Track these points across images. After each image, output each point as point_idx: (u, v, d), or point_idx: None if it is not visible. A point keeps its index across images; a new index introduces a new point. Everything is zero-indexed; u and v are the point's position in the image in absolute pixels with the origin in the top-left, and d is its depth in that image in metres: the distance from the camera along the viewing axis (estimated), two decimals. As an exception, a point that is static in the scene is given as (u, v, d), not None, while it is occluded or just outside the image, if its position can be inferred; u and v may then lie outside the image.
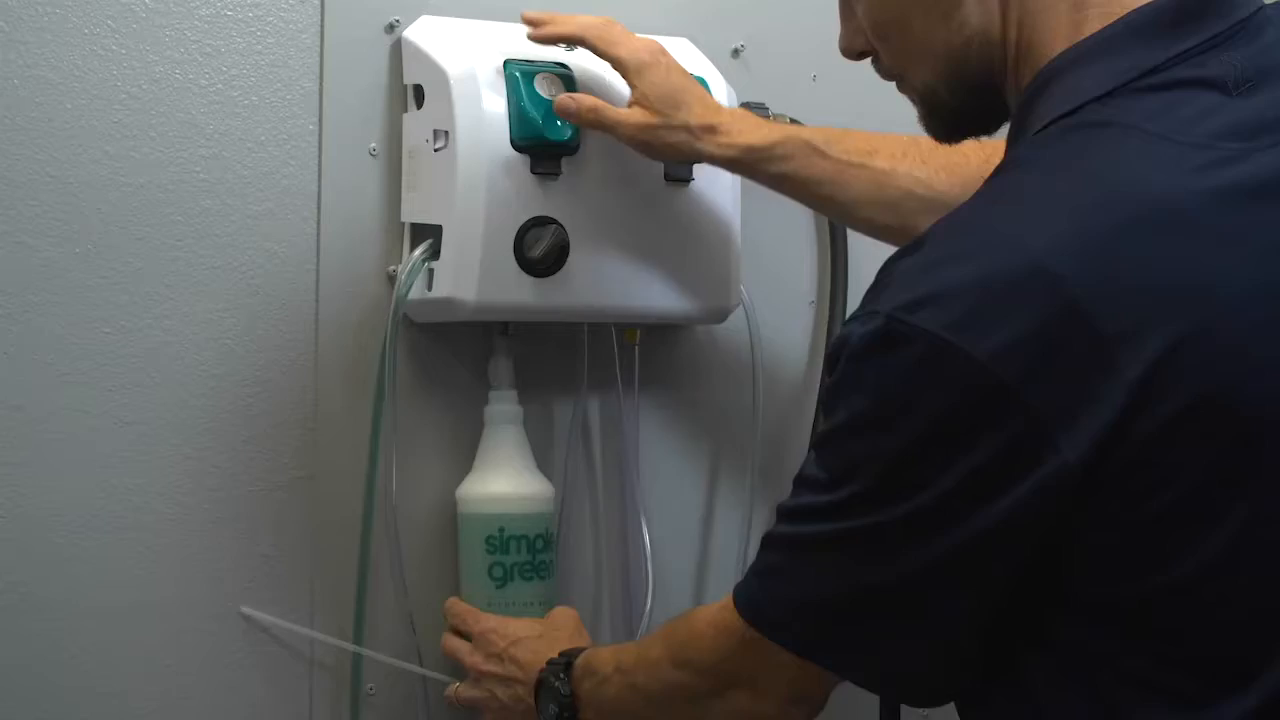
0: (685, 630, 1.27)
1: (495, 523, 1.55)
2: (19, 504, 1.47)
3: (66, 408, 1.49)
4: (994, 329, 1.00)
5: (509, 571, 1.54)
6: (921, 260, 1.06)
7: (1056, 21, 1.12)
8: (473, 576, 1.56)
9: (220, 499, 1.55)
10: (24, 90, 1.47)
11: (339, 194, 1.58)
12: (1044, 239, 1.01)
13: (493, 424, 1.58)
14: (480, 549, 1.55)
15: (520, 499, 1.56)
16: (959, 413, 1.01)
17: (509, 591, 1.55)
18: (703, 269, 1.63)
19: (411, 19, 1.59)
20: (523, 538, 1.54)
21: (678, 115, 1.49)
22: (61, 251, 1.48)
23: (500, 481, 1.56)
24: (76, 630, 1.50)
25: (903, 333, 1.02)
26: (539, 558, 1.55)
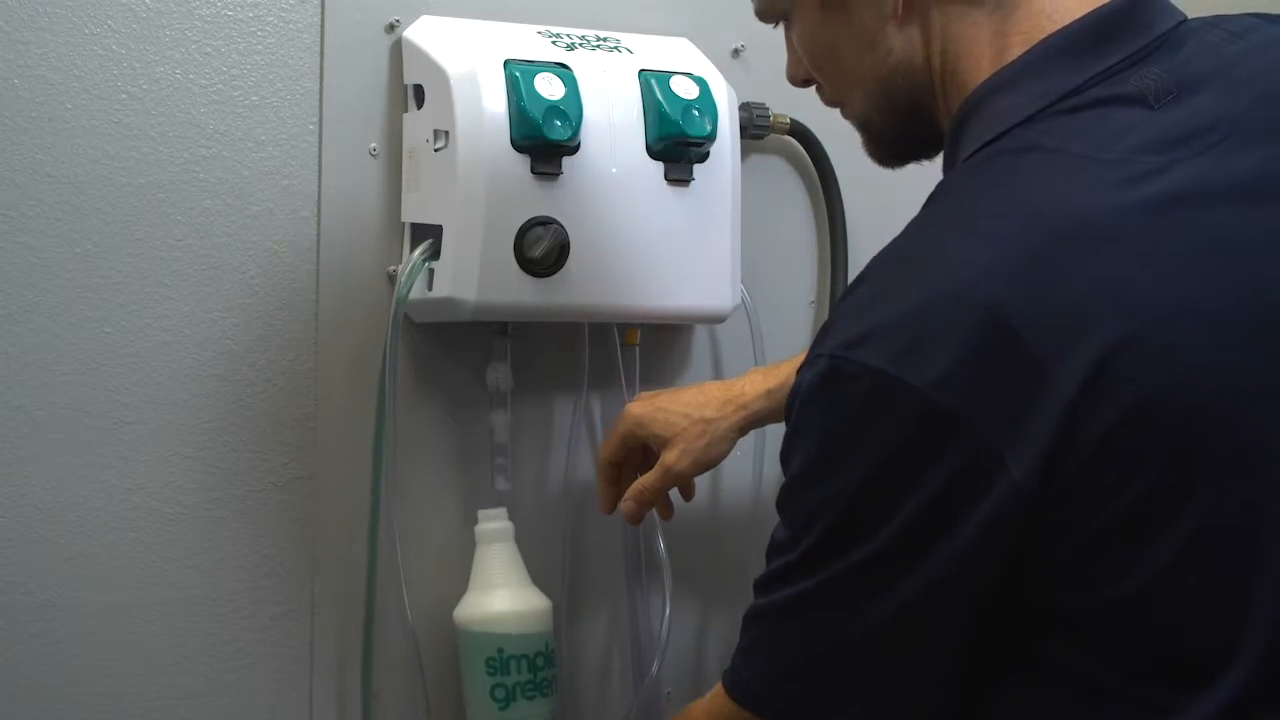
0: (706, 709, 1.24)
1: (494, 643, 1.53)
2: (19, 504, 1.47)
3: (66, 408, 1.49)
4: (933, 358, 1.01)
5: (511, 692, 1.53)
6: (859, 298, 1.08)
7: (979, 49, 1.14)
8: (476, 698, 1.55)
9: (220, 499, 1.55)
10: (24, 90, 1.47)
11: (339, 194, 1.58)
12: (973, 265, 1.03)
13: (485, 542, 1.57)
14: (481, 670, 1.54)
15: (518, 617, 1.54)
16: (908, 445, 1.02)
17: (512, 712, 1.53)
18: (703, 269, 1.63)
19: (411, 19, 1.59)
20: (523, 657, 1.53)
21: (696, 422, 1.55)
22: (61, 251, 1.48)
23: (497, 601, 1.55)
24: (76, 630, 1.50)
25: (846, 371, 1.04)
26: (540, 675, 1.54)
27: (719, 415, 1.54)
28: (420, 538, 1.62)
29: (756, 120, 1.74)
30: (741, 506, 1.77)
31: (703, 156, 1.61)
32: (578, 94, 1.54)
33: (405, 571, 1.58)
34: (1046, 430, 0.99)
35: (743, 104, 1.72)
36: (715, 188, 1.63)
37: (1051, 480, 1.00)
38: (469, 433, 1.64)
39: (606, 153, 1.56)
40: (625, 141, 1.57)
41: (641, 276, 1.59)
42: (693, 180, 1.61)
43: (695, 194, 1.61)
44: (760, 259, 1.74)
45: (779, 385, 1.53)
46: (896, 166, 1.30)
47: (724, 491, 1.77)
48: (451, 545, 1.64)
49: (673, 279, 1.61)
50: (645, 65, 1.60)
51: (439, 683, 1.61)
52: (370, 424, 1.57)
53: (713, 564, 1.77)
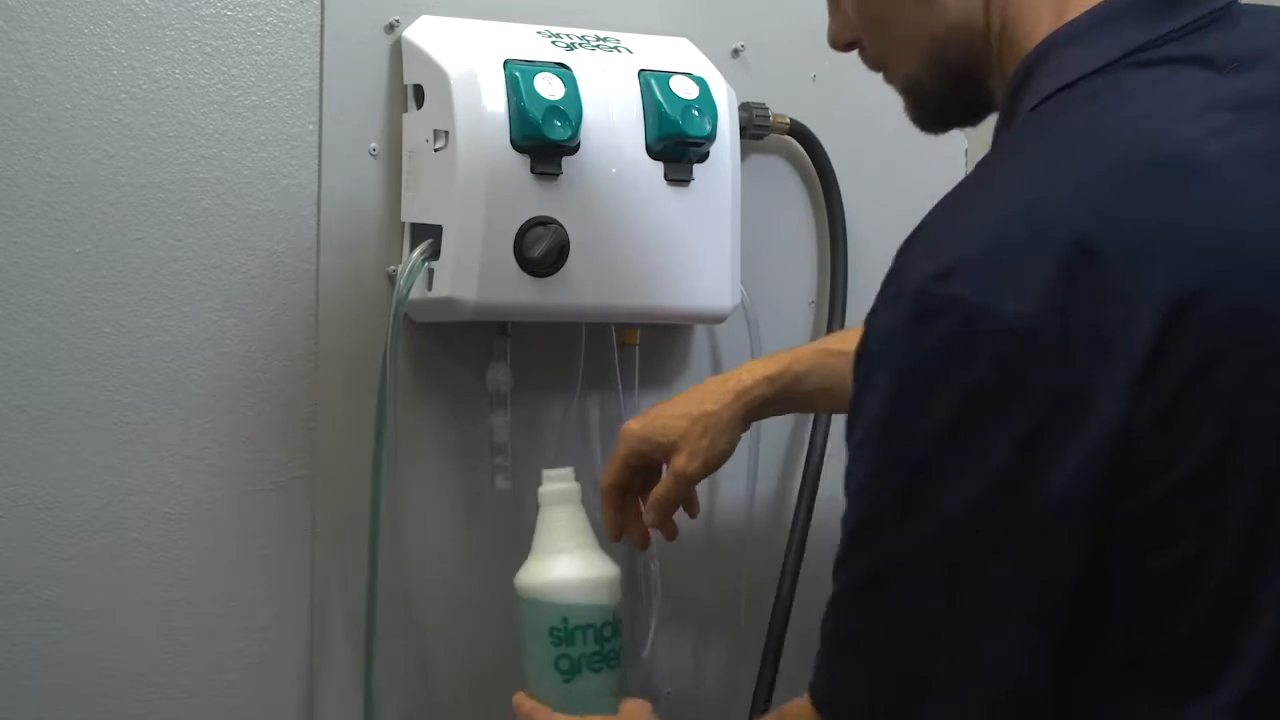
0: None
1: (558, 612, 1.42)
2: (19, 504, 1.47)
3: (66, 408, 1.49)
4: (1024, 290, 0.97)
5: (576, 664, 1.41)
6: (933, 235, 1.04)
7: (1040, 8, 1.12)
8: (539, 669, 1.43)
9: (220, 499, 1.55)
10: (24, 90, 1.47)
11: (339, 194, 1.58)
12: (1061, 197, 0.99)
13: (548, 504, 1.46)
14: (545, 640, 1.42)
15: (585, 585, 1.43)
16: (999, 381, 0.97)
17: (577, 686, 1.42)
18: (702, 269, 1.63)
19: (411, 19, 1.59)
20: (589, 627, 1.42)
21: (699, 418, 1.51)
22: (61, 251, 1.48)
23: (560, 566, 1.43)
24: (76, 630, 1.50)
25: (933, 306, 0.99)
26: (607, 646, 1.42)
27: (719, 406, 1.50)
28: (420, 537, 1.62)
29: (756, 120, 1.74)
30: (737, 512, 1.77)
31: (702, 156, 1.61)
32: (577, 94, 1.54)
33: (405, 571, 1.58)
34: (1132, 369, 0.96)
35: (743, 104, 1.72)
36: (715, 188, 1.63)
37: (1136, 422, 0.96)
38: (469, 432, 1.64)
39: (606, 153, 1.56)
40: (625, 141, 1.57)
41: (641, 276, 1.59)
42: (692, 180, 1.61)
43: (695, 194, 1.61)
44: (760, 259, 1.74)
45: (779, 372, 1.51)
46: (939, 131, 1.28)
47: (718, 495, 1.77)
48: (451, 545, 1.64)
49: (672, 279, 1.61)
50: (645, 65, 1.60)
51: (439, 682, 1.61)
52: (370, 424, 1.57)
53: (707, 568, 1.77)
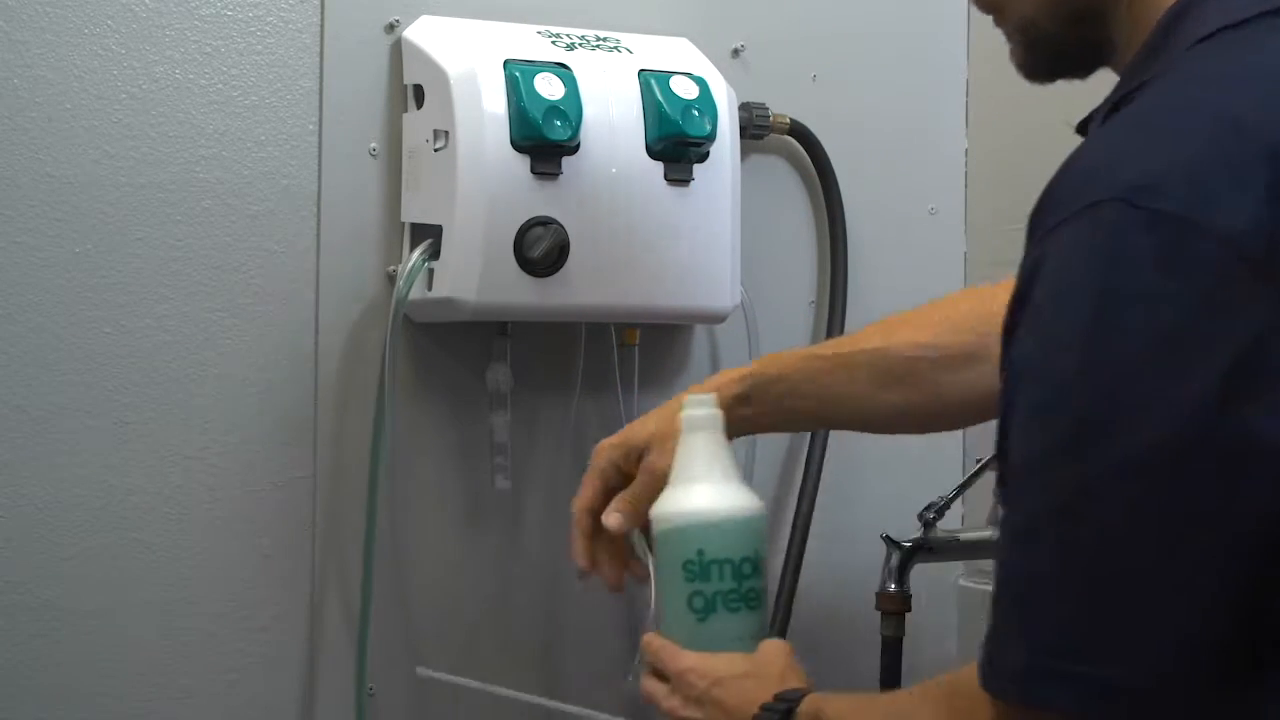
0: (966, 697, 1.02)
1: (693, 545, 1.30)
2: (19, 504, 1.47)
3: (66, 408, 1.49)
4: (1234, 203, 0.91)
5: (711, 601, 1.30)
6: (1128, 149, 0.97)
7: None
8: (672, 607, 1.32)
9: (220, 499, 1.55)
10: (24, 90, 1.47)
11: (339, 194, 1.58)
12: (1268, 115, 0.94)
13: (689, 431, 1.34)
14: (678, 575, 1.31)
15: (722, 516, 1.31)
16: (1208, 300, 0.90)
17: (712, 626, 1.30)
18: (702, 269, 1.63)
19: (411, 19, 1.59)
20: (727, 562, 1.30)
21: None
22: (61, 251, 1.48)
23: (697, 496, 1.32)
24: (76, 630, 1.50)
25: (1135, 218, 0.92)
26: (746, 584, 1.31)
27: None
28: (420, 537, 1.62)
29: (756, 120, 1.74)
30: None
31: (702, 156, 1.61)
32: (577, 94, 1.54)
33: (404, 571, 1.58)
34: None
35: (743, 104, 1.72)
36: (715, 188, 1.63)
37: None
38: (468, 432, 1.64)
39: (606, 153, 1.56)
40: (625, 141, 1.57)
41: (641, 276, 1.59)
42: (692, 180, 1.61)
43: (695, 194, 1.61)
44: (760, 259, 1.74)
45: (751, 372, 1.44)
46: (1045, 81, 1.21)
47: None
48: (451, 544, 1.64)
49: (672, 279, 1.61)
50: (645, 65, 1.60)
51: (438, 683, 1.61)
52: (370, 424, 1.57)
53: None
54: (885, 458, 1.86)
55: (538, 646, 1.69)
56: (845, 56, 1.85)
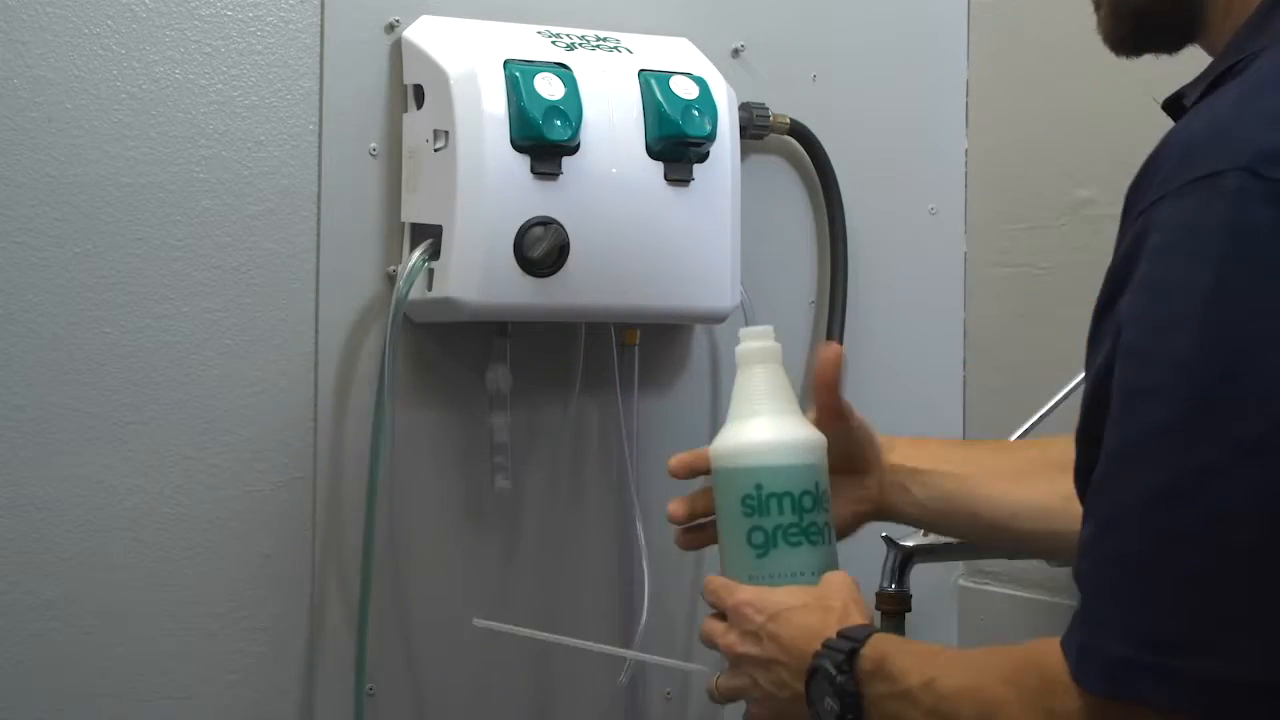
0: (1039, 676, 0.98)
1: (751, 479, 1.26)
2: (19, 504, 1.47)
3: (66, 408, 1.49)
4: None
5: (771, 536, 1.26)
6: (1242, 118, 0.93)
7: None
8: (732, 545, 1.28)
9: (220, 499, 1.55)
10: (24, 90, 1.47)
11: (339, 194, 1.58)
12: None
13: (746, 364, 1.30)
14: (737, 511, 1.27)
15: (780, 448, 1.27)
16: None
17: (772, 560, 1.26)
18: (702, 269, 1.63)
19: (411, 19, 1.59)
20: (786, 495, 1.26)
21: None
22: (61, 251, 1.48)
23: (754, 429, 1.28)
24: (76, 630, 1.50)
25: (1263, 190, 0.87)
26: (807, 519, 1.26)
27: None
28: (419, 537, 1.62)
29: (756, 120, 1.74)
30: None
31: (702, 156, 1.61)
32: (578, 94, 1.54)
33: (404, 571, 1.58)
34: None
35: (743, 104, 1.72)
36: (715, 188, 1.63)
37: None
38: (468, 432, 1.64)
39: (606, 153, 1.56)
40: (625, 141, 1.57)
41: (641, 276, 1.59)
42: (693, 180, 1.61)
43: (695, 194, 1.61)
44: (760, 259, 1.74)
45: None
46: (1131, 53, 1.15)
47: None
48: (450, 544, 1.64)
49: (672, 279, 1.61)
50: (645, 65, 1.60)
51: (438, 682, 1.61)
52: (370, 424, 1.57)
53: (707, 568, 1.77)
54: (885, 458, 1.86)
55: (536, 646, 1.69)
56: (845, 56, 1.85)
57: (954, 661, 1.09)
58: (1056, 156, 1.89)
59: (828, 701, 1.13)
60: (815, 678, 1.14)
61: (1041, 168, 1.91)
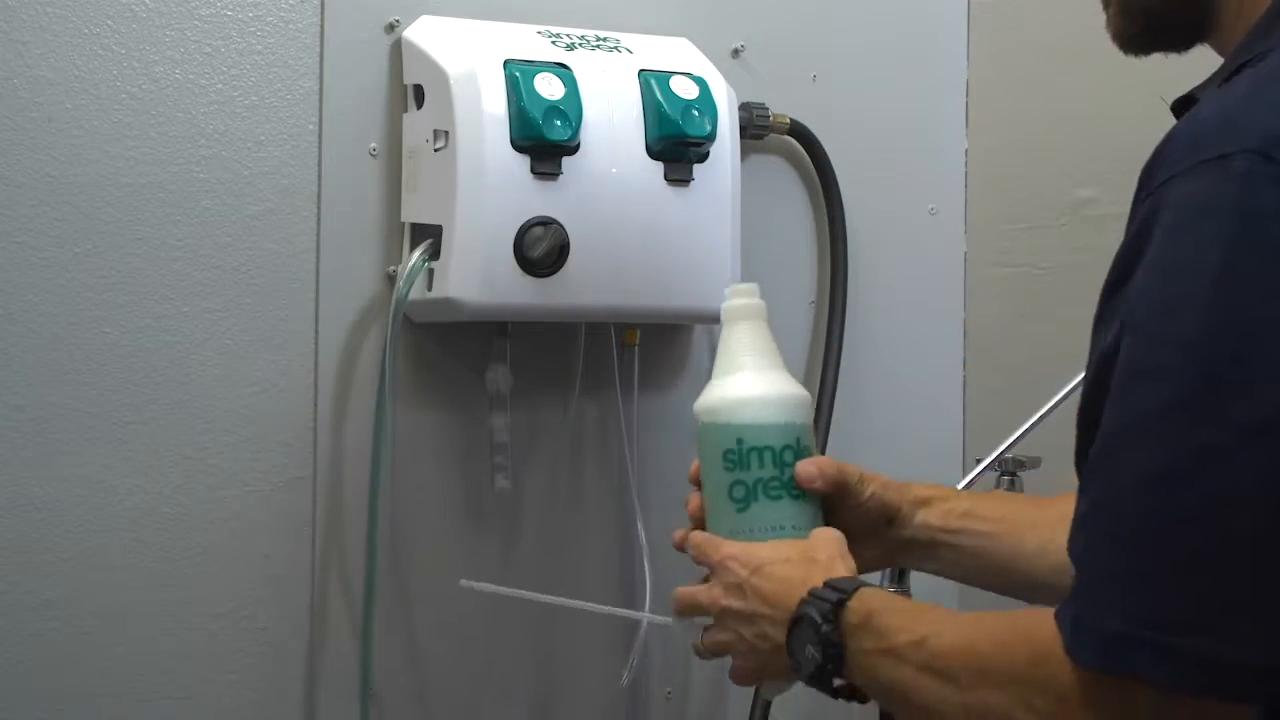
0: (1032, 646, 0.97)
1: (732, 433, 1.26)
2: (19, 504, 1.47)
3: (66, 408, 1.49)
4: None
5: (752, 490, 1.25)
6: (1255, 104, 0.93)
7: None
8: (714, 501, 1.27)
9: (220, 499, 1.55)
10: (24, 90, 1.47)
11: (339, 194, 1.58)
12: None
13: (730, 321, 1.29)
14: (719, 466, 1.26)
15: (761, 403, 1.26)
16: None
17: (753, 514, 1.25)
18: (702, 269, 1.63)
19: (411, 19, 1.59)
20: (766, 449, 1.25)
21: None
22: (61, 251, 1.48)
23: (735, 384, 1.27)
24: (76, 630, 1.50)
25: (1272, 173, 0.88)
26: (789, 472, 1.25)
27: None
28: (420, 537, 1.62)
29: (756, 120, 1.74)
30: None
31: (702, 156, 1.61)
32: (578, 94, 1.54)
33: (405, 571, 1.58)
34: None
35: (743, 104, 1.72)
36: (715, 188, 1.63)
37: None
38: (468, 432, 1.64)
39: (606, 153, 1.56)
40: (625, 141, 1.57)
41: (641, 276, 1.59)
42: (693, 180, 1.61)
43: (695, 194, 1.61)
44: (760, 259, 1.73)
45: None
46: (1140, 51, 1.16)
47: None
48: (451, 544, 1.64)
49: (672, 279, 1.61)
50: (645, 65, 1.60)
51: (438, 682, 1.61)
52: (370, 424, 1.57)
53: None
54: (885, 458, 1.85)
55: (536, 645, 1.69)
56: (845, 56, 1.85)
57: (944, 621, 1.07)
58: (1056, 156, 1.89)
59: (809, 650, 1.12)
60: (799, 626, 1.14)
61: (1041, 168, 1.91)
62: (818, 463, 1.26)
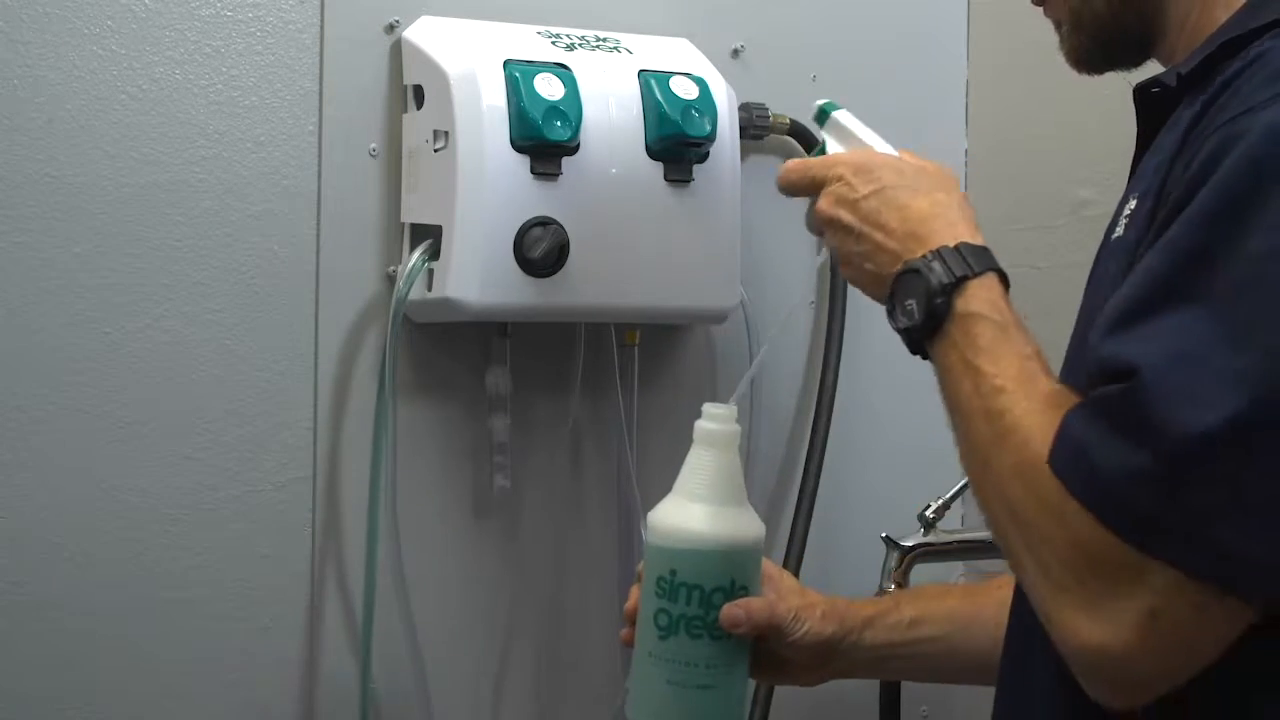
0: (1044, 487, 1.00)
1: (666, 562, 1.26)
2: (19, 504, 1.47)
3: (66, 408, 1.49)
4: None
5: (674, 623, 1.25)
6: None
7: None
8: (643, 616, 1.28)
9: (220, 499, 1.55)
10: (24, 90, 1.47)
11: (339, 194, 1.58)
12: None
13: (697, 443, 1.28)
14: (652, 588, 1.27)
15: (698, 538, 1.25)
16: None
17: (671, 645, 1.25)
18: (702, 269, 1.63)
19: (411, 19, 1.59)
20: (695, 587, 1.24)
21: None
22: (61, 251, 1.48)
23: (681, 513, 1.26)
24: (76, 630, 1.50)
25: None
26: (714, 615, 1.25)
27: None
28: (420, 537, 1.62)
29: (756, 120, 1.74)
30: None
31: (702, 156, 1.61)
32: (577, 94, 1.54)
33: (405, 571, 1.58)
34: None
35: (742, 104, 1.72)
36: (715, 188, 1.63)
37: None
38: (468, 433, 1.64)
39: (606, 153, 1.56)
40: (625, 141, 1.57)
41: (641, 276, 1.59)
42: (692, 180, 1.61)
43: (695, 194, 1.61)
44: (760, 259, 1.74)
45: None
46: (1096, 70, 1.20)
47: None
48: (451, 544, 1.64)
49: (672, 279, 1.61)
50: (645, 65, 1.60)
51: (438, 682, 1.61)
52: (370, 424, 1.57)
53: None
54: (885, 458, 1.86)
55: (537, 644, 1.70)
56: (845, 56, 1.85)
57: (1025, 385, 1.05)
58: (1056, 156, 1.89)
59: (910, 304, 1.12)
60: (910, 276, 1.13)
61: (1041, 168, 1.91)
62: (747, 606, 1.25)
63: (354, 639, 1.59)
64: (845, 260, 1.22)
